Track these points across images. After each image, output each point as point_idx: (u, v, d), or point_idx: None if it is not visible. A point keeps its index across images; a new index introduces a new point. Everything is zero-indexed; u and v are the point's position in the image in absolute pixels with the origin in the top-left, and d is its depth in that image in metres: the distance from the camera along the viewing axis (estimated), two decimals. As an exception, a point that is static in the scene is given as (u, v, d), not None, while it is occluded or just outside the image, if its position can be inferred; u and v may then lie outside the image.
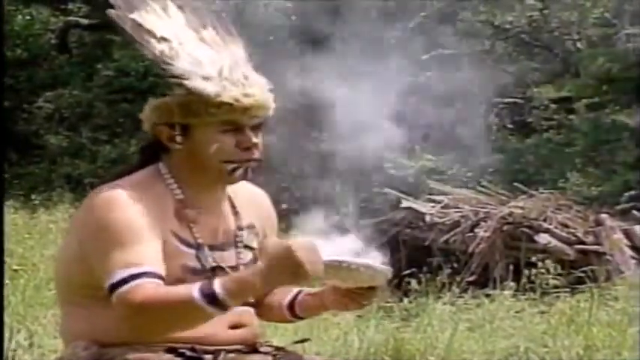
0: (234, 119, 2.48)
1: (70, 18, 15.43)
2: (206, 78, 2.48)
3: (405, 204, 9.61)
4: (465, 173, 11.82)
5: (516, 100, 13.68)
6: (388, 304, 8.28)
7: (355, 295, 2.52)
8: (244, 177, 2.52)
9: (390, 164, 11.38)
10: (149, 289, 2.34)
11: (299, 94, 7.76)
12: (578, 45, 13.29)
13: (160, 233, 2.43)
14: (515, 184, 10.29)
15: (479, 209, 9.36)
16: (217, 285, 2.32)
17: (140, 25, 2.50)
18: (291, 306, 2.64)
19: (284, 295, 2.65)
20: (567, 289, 7.99)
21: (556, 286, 8.01)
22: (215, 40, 2.59)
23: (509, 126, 13.57)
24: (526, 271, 8.24)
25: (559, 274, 8.20)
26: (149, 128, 2.54)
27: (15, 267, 7.73)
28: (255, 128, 2.51)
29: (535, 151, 12.33)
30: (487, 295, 7.97)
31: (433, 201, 9.70)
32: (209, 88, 2.46)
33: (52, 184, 13.29)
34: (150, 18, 2.52)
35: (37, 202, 11.84)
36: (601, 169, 11.66)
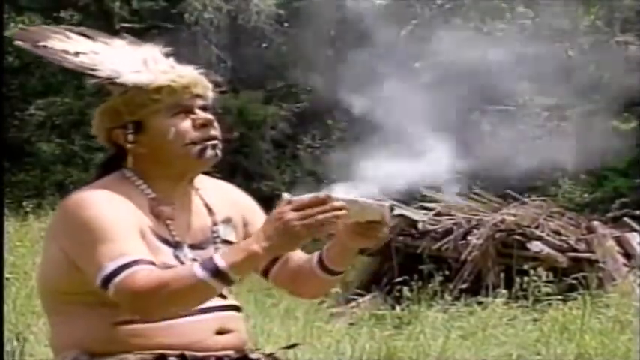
0: (180, 100, 2.50)
1: (63, 26, 15.35)
2: (136, 71, 2.51)
3: (397, 211, 9.44)
4: (457, 180, 11.80)
5: (508, 107, 13.67)
6: (380, 312, 8.35)
7: (364, 230, 2.49)
8: (215, 157, 2.51)
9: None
10: (145, 273, 2.33)
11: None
12: (570, 52, 13.31)
13: (138, 228, 2.42)
14: (507, 191, 10.27)
15: (471, 217, 9.33)
16: (218, 258, 2.31)
17: (52, 48, 2.55)
18: (321, 262, 2.58)
19: (311, 260, 2.62)
20: (559, 297, 7.97)
21: (548, 294, 8.01)
22: (127, 45, 2.64)
23: (502, 133, 13.53)
24: (518, 279, 8.23)
25: (551, 282, 8.17)
26: (104, 138, 2.56)
27: (6, 275, 7.70)
28: (204, 110, 2.53)
29: (527, 158, 12.30)
30: (479, 303, 7.98)
31: (425, 208, 9.66)
32: (143, 77, 2.49)
33: (44, 192, 13.24)
34: (57, 43, 2.56)
35: (28, 209, 11.77)
36: (592, 176, 11.65)
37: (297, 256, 2.64)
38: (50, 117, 15.45)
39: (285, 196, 2.33)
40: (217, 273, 2.29)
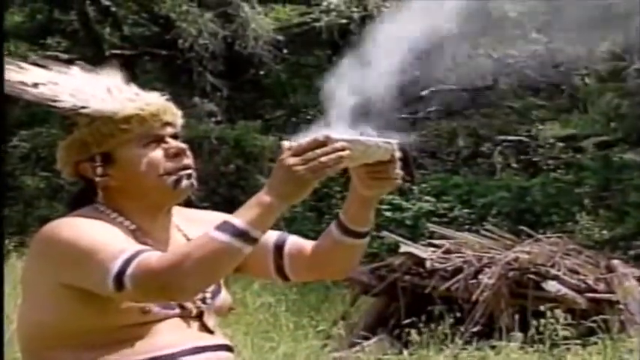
0: (149, 129, 2.47)
1: (49, 53, 15.60)
2: (101, 100, 2.46)
3: (403, 248, 9.32)
4: (467, 215, 11.60)
5: (521, 137, 13.56)
6: (386, 357, 8.17)
7: (375, 173, 2.43)
8: (191, 186, 2.48)
9: (386, 206, 11.13)
10: (157, 255, 2.29)
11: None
12: (586, 80, 13.10)
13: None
14: (521, 227, 10.09)
15: (482, 254, 9.05)
16: (233, 219, 2.28)
17: (8, 80, 2.48)
18: (342, 227, 2.52)
19: (329, 232, 2.56)
20: (578, 341, 7.81)
21: (566, 337, 7.82)
22: (86, 73, 2.57)
23: (514, 165, 13.40)
24: (534, 321, 8.02)
25: (569, 325, 7.96)
26: (71, 172, 2.51)
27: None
28: (175, 138, 2.50)
29: (542, 191, 12.19)
30: (492, 347, 7.85)
31: (434, 245, 9.42)
32: (109, 106, 2.45)
33: (27, 229, 13.15)
34: (12, 75, 2.50)
35: (10, 247, 11.48)
36: (612, 210, 11.49)
37: (308, 242, 2.61)
38: (35, 149, 15.47)
39: (285, 143, 2.31)
40: (238, 233, 2.26)
